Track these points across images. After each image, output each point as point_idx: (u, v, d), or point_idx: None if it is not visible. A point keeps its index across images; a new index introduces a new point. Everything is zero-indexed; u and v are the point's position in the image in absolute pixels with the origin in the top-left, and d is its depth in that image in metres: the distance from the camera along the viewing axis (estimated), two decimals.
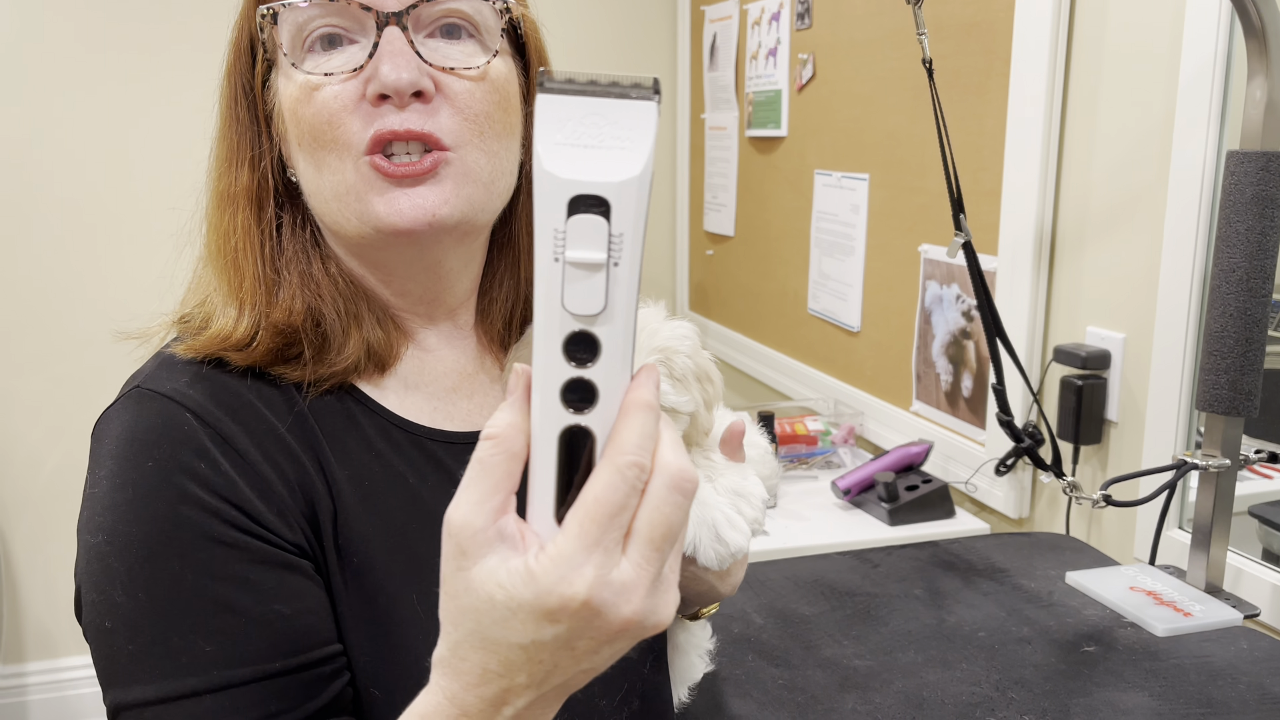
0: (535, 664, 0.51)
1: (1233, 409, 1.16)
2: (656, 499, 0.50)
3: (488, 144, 0.72)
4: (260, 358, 0.72)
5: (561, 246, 0.48)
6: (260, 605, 0.65)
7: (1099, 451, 1.57)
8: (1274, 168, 1.10)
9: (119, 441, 0.67)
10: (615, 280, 0.48)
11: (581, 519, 0.49)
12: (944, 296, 1.91)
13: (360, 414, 0.75)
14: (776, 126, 2.54)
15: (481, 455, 0.51)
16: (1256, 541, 1.39)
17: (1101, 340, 1.54)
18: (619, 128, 0.48)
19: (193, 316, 0.78)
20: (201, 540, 0.64)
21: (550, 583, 0.48)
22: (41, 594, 2.76)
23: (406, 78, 0.68)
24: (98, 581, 0.65)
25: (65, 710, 2.79)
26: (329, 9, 0.69)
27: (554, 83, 0.49)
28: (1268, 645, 1.10)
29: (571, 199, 0.47)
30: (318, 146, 0.70)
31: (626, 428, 0.50)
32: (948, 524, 1.74)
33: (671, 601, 0.52)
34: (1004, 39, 1.69)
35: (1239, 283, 1.13)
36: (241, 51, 0.76)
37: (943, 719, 0.96)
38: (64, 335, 2.67)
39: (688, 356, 0.75)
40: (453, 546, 0.51)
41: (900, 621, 1.16)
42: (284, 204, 0.76)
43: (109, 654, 0.64)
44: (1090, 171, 1.56)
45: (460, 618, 0.51)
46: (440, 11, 0.71)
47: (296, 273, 0.74)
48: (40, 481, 2.71)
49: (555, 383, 0.49)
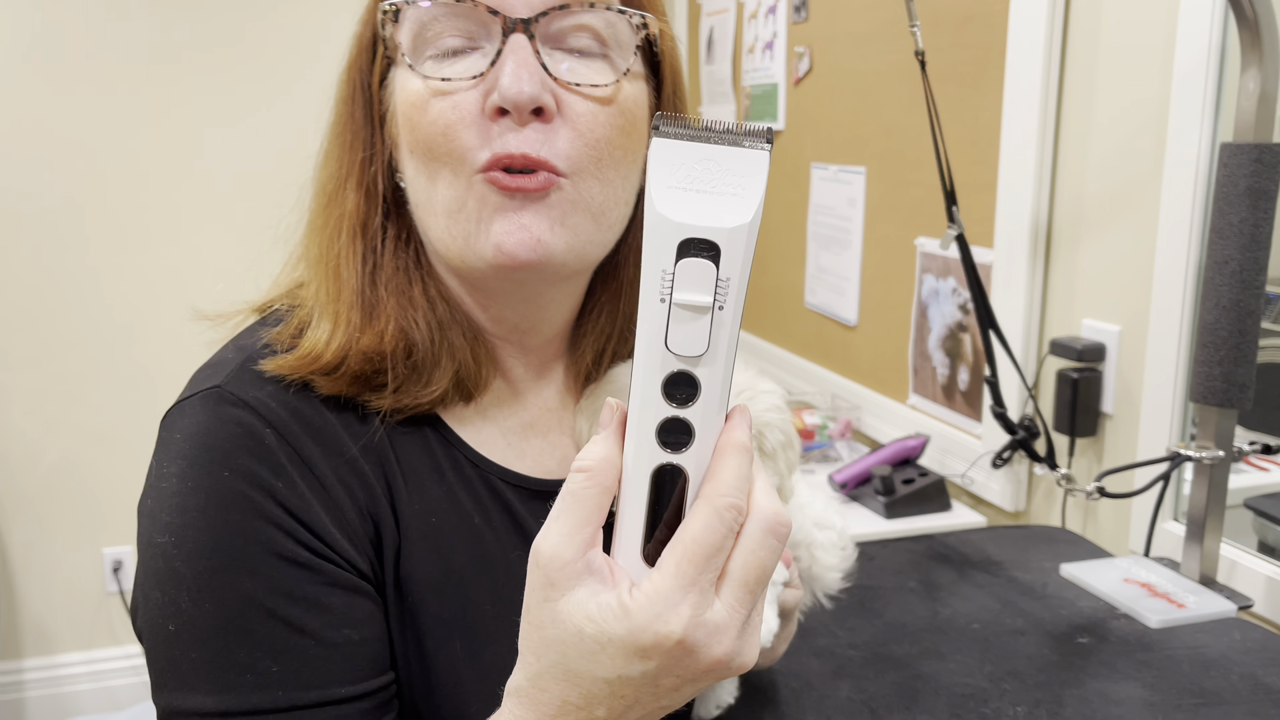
0: (617, 698, 0.51)
1: (1226, 401, 1.16)
2: (752, 542, 0.51)
3: (604, 172, 0.68)
4: (345, 386, 0.68)
5: (669, 288, 0.49)
6: (330, 629, 0.64)
7: (1095, 444, 1.57)
8: (1267, 159, 1.10)
9: (193, 442, 0.65)
10: (719, 324, 0.49)
11: (679, 558, 0.49)
12: (940, 290, 1.91)
13: (437, 444, 0.72)
14: (774, 120, 2.53)
15: (574, 488, 0.51)
16: (1252, 534, 1.39)
17: (1097, 333, 1.54)
18: (731, 174, 0.49)
19: (278, 308, 0.75)
20: (274, 559, 0.63)
21: (646, 620, 0.49)
22: (38, 590, 2.77)
23: (528, 92, 0.63)
24: (162, 583, 0.63)
25: (62, 706, 2.79)
26: (454, 10, 0.66)
27: (669, 127, 0.50)
28: (1261, 636, 1.11)
29: (682, 242, 0.48)
30: (431, 158, 0.67)
31: (723, 469, 0.50)
32: (944, 517, 1.75)
33: (757, 644, 0.53)
34: (999, 32, 1.69)
35: (1232, 275, 1.13)
36: (364, 47, 0.72)
37: (936, 709, 0.97)
38: (59, 331, 2.67)
39: (780, 430, 0.74)
40: (540, 577, 0.51)
41: (895, 613, 1.17)
42: (390, 213, 0.72)
43: (170, 656, 0.63)
44: (1085, 164, 1.56)
45: (544, 649, 0.51)
46: (572, 24, 0.66)
47: (395, 294, 0.71)
48: (36, 478, 2.71)
49: (652, 420, 0.50)
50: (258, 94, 2.71)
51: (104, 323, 2.70)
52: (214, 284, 2.91)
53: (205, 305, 0.78)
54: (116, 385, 2.72)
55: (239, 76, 2.70)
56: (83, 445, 2.73)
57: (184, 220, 2.70)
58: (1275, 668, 1.03)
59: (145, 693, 2.84)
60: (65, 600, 2.79)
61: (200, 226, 2.71)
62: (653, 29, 0.70)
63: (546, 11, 0.65)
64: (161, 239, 2.68)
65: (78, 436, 2.72)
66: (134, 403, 2.72)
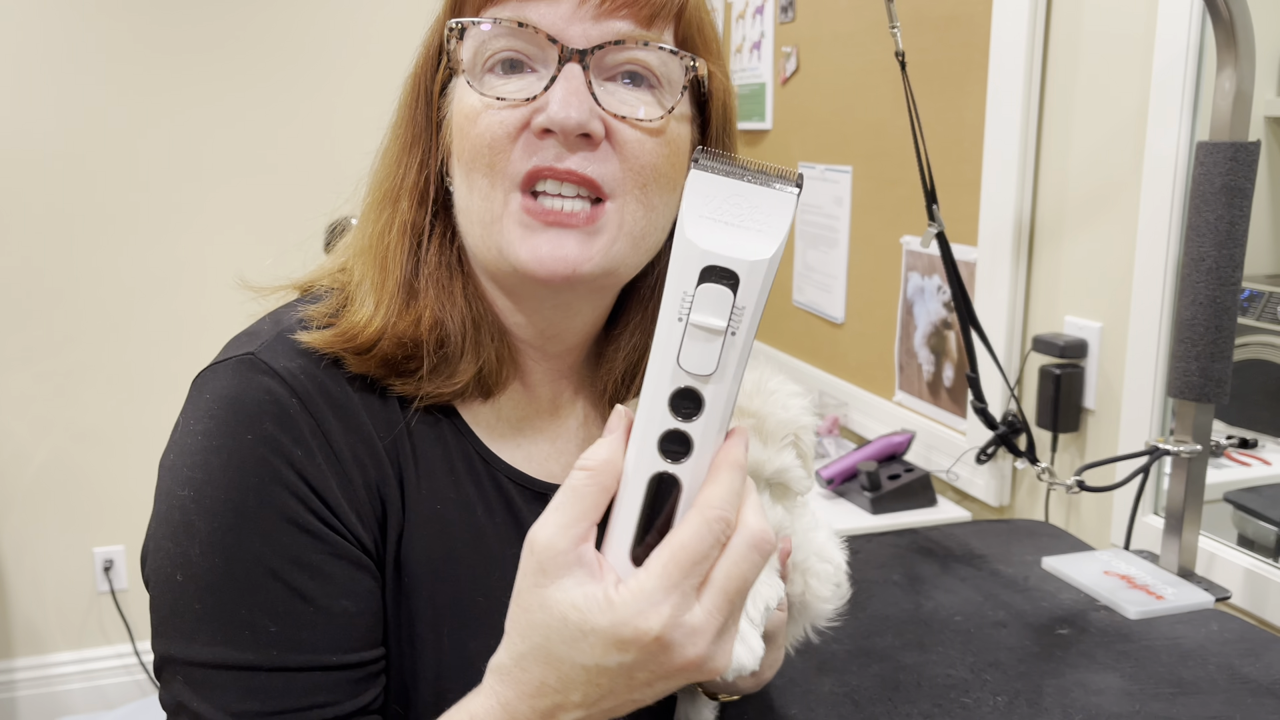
0: (592, 686, 0.54)
1: (1203, 395, 1.17)
2: (736, 554, 0.54)
3: (649, 197, 0.70)
4: (375, 367, 0.71)
5: (687, 309, 0.52)
6: (328, 597, 0.66)
7: (1077, 439, 1.59)
8: (1242, 158, 1.12)
9: (222, 402, 0.67)
10: (729, 347, 0.52)
11: (666, 561, 0.53)
12: (925, 288, 1.92)
13: (450, 435, 0.75)
14: (761, 119, 2.55)
15: (575, 483, 0.54)
16: (1232, 527, 1.41)
17: (1079, 329, 1.56)
18: (759, 212, 0.53)
19: (319, 288, 0.77)
20: (286, 524, 0.65)
21: (628, 614, 0.52)
22: (29, 590, 2.77)
23: (576, 117, 0.66)
24: (175, 533, 0.66)
25: (53, 706, 2.79)
26: (516, 34, 0.68)
27: (708, 160, 0.53)
28: (1238, 627, 1.12)
29: (705, 268, 0.52)
30: (474, 168, 0.70)
31: (717, 483, 0.54)
32: (929, 512, 1.76)
33: (729, 653, 0.56)
34: (982, 33, 1.71)
35: (1209, 271, 1.15)
36: (430, 55, 0.75)
37: (918, 701, 0.98)
38: (49, 331, 2.67)
39: (813, 432, 0.76)
40: (533, 563, 0.54)
41: (879, 606, 1.18)
42: (439, 213, 0.75)
43: (173, 605, 0.66)
44: (1067, 163, 1.58)
45: (530, 631, 0.55)
46: (626, 59, 0.69)
47: (435, 287, 0.74)
48: (27, 477, 2.71)
49: (656, 431, 0.53)
50: (251, 95, 2.72)
51: (94, 323, 2.70)
52: (203, 283, 2.92)
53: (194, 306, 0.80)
54: (106, 385, 2.72)
55: (232, 77, 2.70)
56: (73, 445, 2.73)
57: (174, 221, 2.70)
58: (1252, 658, 1.05)
59: (136, 692, 2.84)
60: (56, 600, 2.79)
61: (191, 228, 2.71)
62: (702, 70, 0.72)
63: (603, 45, 0.68)
64: (151, 239, 2.69)
65: (68, 436, 2.72)
66: (124, 402, 2.73)
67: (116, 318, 2.70)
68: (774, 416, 0.74)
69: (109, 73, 2.61)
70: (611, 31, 0.68)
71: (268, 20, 2.71)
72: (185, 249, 2.71)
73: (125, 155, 2.66)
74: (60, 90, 2.59)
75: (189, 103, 2.68)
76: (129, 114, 2.64)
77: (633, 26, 0.68)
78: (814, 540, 0.84)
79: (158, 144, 2.67)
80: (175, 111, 2.68)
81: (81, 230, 2.65)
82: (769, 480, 0.75)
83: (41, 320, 2.66)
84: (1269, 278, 1.40)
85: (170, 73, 2.66)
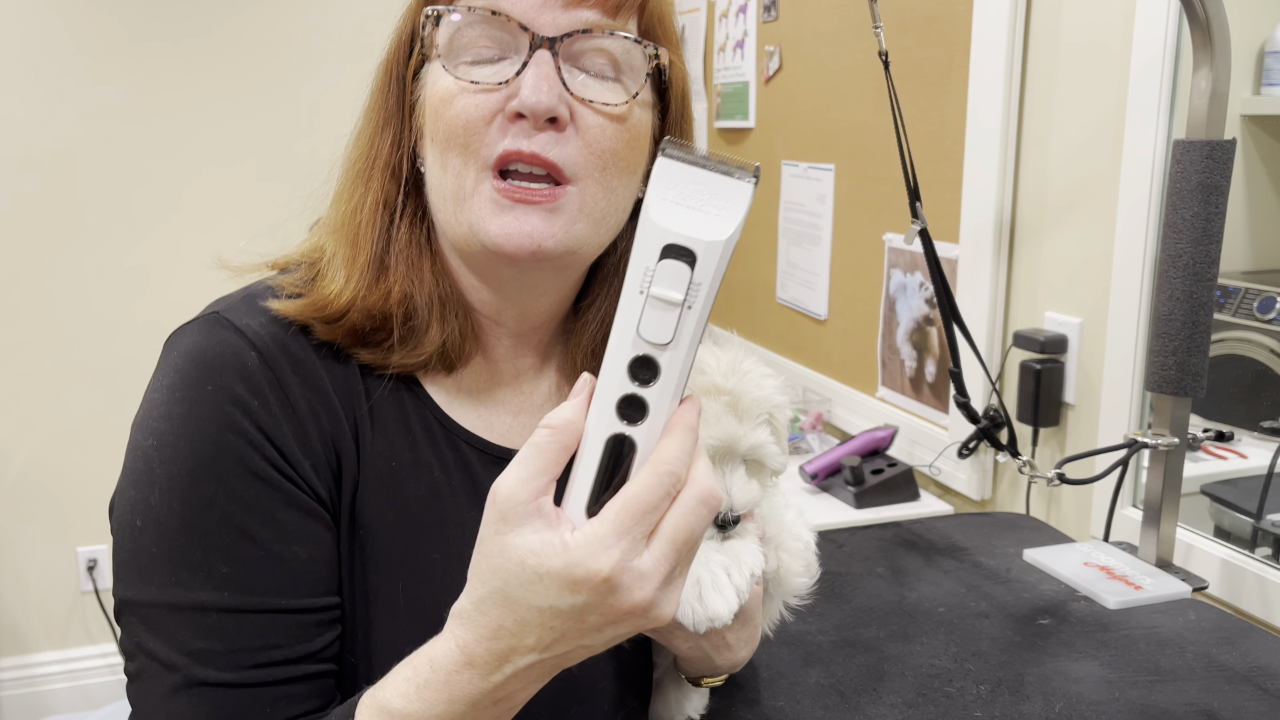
0: (546, 629, 0.57)
1: (1180, 389, 1.20)
2: (685, 507, 0.57)
3: (609, 179, 0.74)
4: (342, 336, 0.74)
5: (648, 282, 0.56)
6: (279, 543, 0.69)
7: (1057, 433, 1.61)
8: (1218, 156, 1.14)
9: (185, 358, 0.71)
10: (685, 320, 0.56)
11: (618, 509, 0.56)
12: (908, 284, 1.94)
13: (408, 398, 0.78)
14: (744, 118, 2.56)
15: (537, 440, 0.57)
16: (1209, 519, 1.44)
17: (1059, 325, 1.58)
18: (718, 199, 0.57)
19: (293, 265, 0.80)
20: (240, 470, 0.68)
21: (580, 556, 0.55)
22: (12, 590, 2.76)
23: (545, 101, 0.69)
24: (138, 481, 0.69)
25: (37, 705, 2.78)
26: (489, 22, 0.72)
27: (674, 150, 0.57)
28: (1215, 616, 1.15)
29: (665, 246, 0.56)
30: (448, 148, 0.73)
31: (671, 442, 0.57)
32: (912, 506, 1.78)
33: (674, 603, 0.59)
34: (963, 32, 1.73)
35: (1185, 268, 1.17)
36: (402, 42, 0.78)
37: (903, 690, 1.00)
38: (32, 330, 2.66)
39: (790, 410, 0.79)
40: (494, 512, 0.57)
41: (863, 599, 1.20)
42: (409, 193, 0.78)
43: (132, 549, 0.69)
44: (1047, 161, 1.60)
45: (489, 576, 0.57)
46: (592, 47, 0.73)
47: (404, 264, 0.77)
48: (9, 477, 2.70)
49: (614, 395, 0.57)
50: (234, 92, 2.71)
51: (76, 321, 2.69)
52: (186, 282, 2.91)
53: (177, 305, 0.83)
54: (89, 384, 2.71)
55: (216, 74, 2.69)
56: (56, 444, 2.72)
57: (157, 219, 2.69)
58: (1228, 646, 1.07)
59: (120, 691, 2.83)
60: (40, 600, 2.78)
61: (174, 225, 2.71)
62: (664, 60, 0.77)
63: (571, 33, 0.71)
64: (134, 238, 2.68)
65: (50, 436, 2.71)
66: (107, 401, 2.72)
67: (99, 317, 2.69)
68: (749, 395, 0.77)
69: (93, 72, 2.60)
70: (579, 20, 0.72)
71: (249, 17, 2.70)
72: (168, 247, 2.70)
73: (108, 154, 2.65)
74: (44, 89, 2.58)
75: (172, 101, 2.67)
76: (112, 112, 2.63)
77: (599, 16, 0.72)
78: (784, 518, 0.86)
79: (140, 142, 2.66)
80: (159, 110, 2.67)
81: (64, 229, 2.64)
82: (745, 456, 0.77)
83: (23, 319, 2.65)
84: (1244, 274, 1.42)
85: (153, 71, 2.65)
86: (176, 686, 0.66)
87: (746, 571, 0.74)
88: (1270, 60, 1.37)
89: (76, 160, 2.63)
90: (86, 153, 2.63)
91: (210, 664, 0.67)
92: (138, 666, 0.68)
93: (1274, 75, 1.36)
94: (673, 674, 0.89)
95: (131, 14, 2.61)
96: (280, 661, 0.69)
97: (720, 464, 0.76)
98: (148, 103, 2.66)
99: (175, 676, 0.66)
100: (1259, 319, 1.39)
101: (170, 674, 0.67)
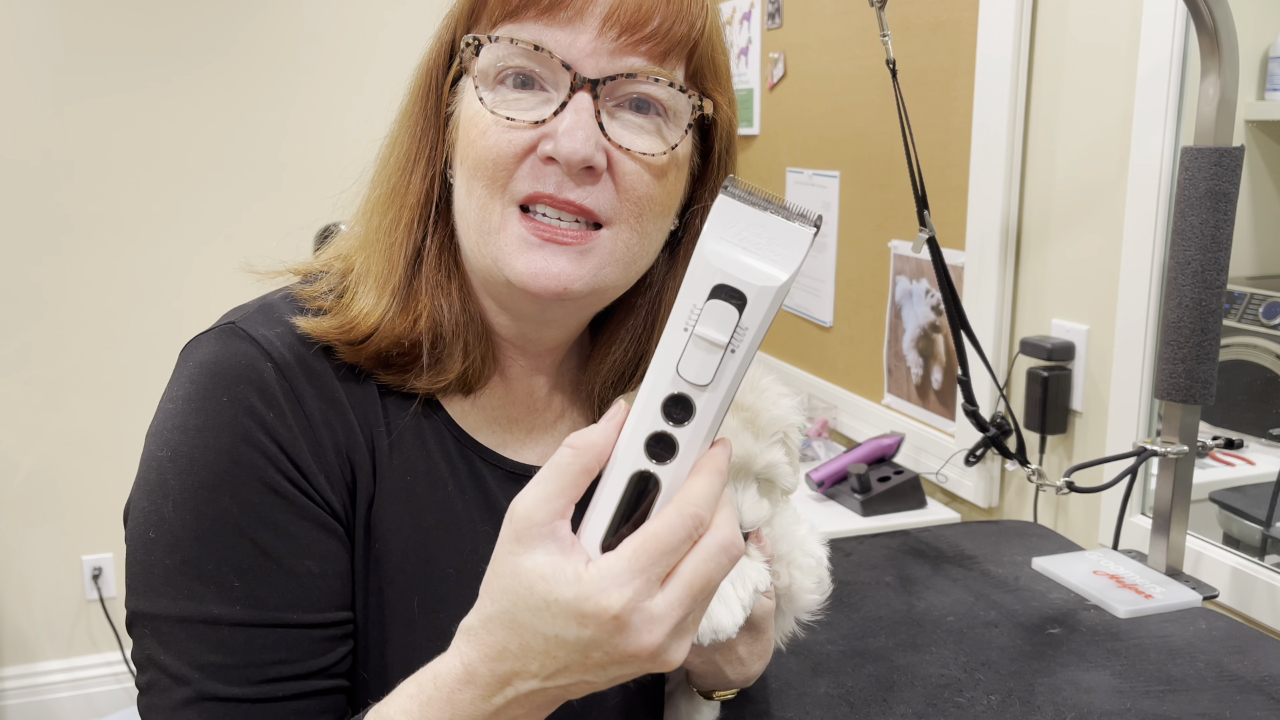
0: (549, 657, 0.56)
1: (1189, 397, 1.19)
2: (705, 553, 0.55)
3: (644, 225, 0.72)
4: (364, 360, 0.73)
5: (694, 320, 0.54)
6: (293, 557, 0.68)
7: (1065, 441, 1.61)
8: (1226, 163, 1.14)
9: (201, 369, 0.70)
10: (726, 363, 0.55)
11: (636, 547, 0.54)
12: (914, 291, 1.94)
13: (424, 414, 0.77)
14: (749, 125, 2.56)
15: (559, 460, 0.56)
16: (1218, 526, 1.43)
17: (1066, 332, 1.58)
18: (776, 244, 0.55)
19: (315, 274, 0.79)
20: (254, 482, 0.68)
21: (592, 590, 0.53)
22: (18, 599, 2.75)
23: (581, 153, 0.67)
24: (151, 492, 0.68)
25: (42, 714, 2.78)
26: (532, 57, 0.69)
27: (736, 191, 0.56)
28: (1225, 625, 1.14)
29: (716, 285, 0.54)
30: (474, 177, 0.71)
31: (698, 482, 0.55)
32: (919, 514, 1.78)
33: (684, 649, 0.57)
34: (969, 39, 1.72)
35: (1194, 275, 1.16)
36: (441, 48, 0.76)
37: (912, 700, 0.99)
38: (37, 338, 2.66)
39: (801, 432, 0.78)
40: (510, 531, 0.56)
41: (871, 608, 1.19)
42: (442, 211, 0.76)
43: (145, 561, 0.68)
44: (1053, 168, 1.60)
45: (499, 595, 0.56)
46: (636, 91, 0.70)
47: (433, 288, 0.75)
48: (14, 485, 2.70)
49: (645, 430, 0.55)
50: (238, 100, 2.72)
51: (82, 329, 2.69)
52: (191, 290, 2.91)
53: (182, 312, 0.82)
54: (95, 392, 2.72)
55: (221, 82, 2.70)
56: (61, 452, 2.72)
57: (162, 227, 2.70)
58: (1239, 655, 1.07)
59: (126, 700, 2.83)
60: (45, 608, 2.78)
61: (179, 233, 2.71)
62: (708, 109, 0.74)
63: (614, 76, 0.69)
64: (139, 246, 2.68)
65: (56, 443, 2.71)
66: (112, 409, 2.72)
67: (105, 324, 2.70)
68: (767, 413, 0.76)
69: (95, 79, 2.60)
70: (625, 66, 0.69)
71: (257, 25, 2.71)
72: (173, 255, 2.70)
73: (112, 162, 2.65)
74: (52, 98, 2.58)
75: (177, 109, 2.68)
76: (117, 120, 2.64)
77: (646, 63, 0.70)
78: (796, 534, 0.86)
79: (145, 151, 2.67)
80: (165, 116, 2.67)
81: (69, 237, 2.64)
82: (758, 475, 0.76)
83: (29, 327, 2.65)
84: (1251, 279, 1.42)
85: (160, 77, 2.65)
86: (187, 700, 0.66)
87: (751, 586, 0.74)
88: (1274, 65, 1.37)
89: (81, 170, 2.63)
90: (90, 161, 2.63)
91: (221, 678, 0.66)
92: (148, 679, 0.68)
93: (1278, 80, 1.36)
94: (684, 687, 0.89)
95: (143, 20, 2.61)
96: (291, 676, 0.68)
97: (733, 481, 0.75)
98: (152, 111, 2.66)
99: (185, 690, 0.66)
100: (1265, 324, 1.39)
101: (180, 687, 0.66)
